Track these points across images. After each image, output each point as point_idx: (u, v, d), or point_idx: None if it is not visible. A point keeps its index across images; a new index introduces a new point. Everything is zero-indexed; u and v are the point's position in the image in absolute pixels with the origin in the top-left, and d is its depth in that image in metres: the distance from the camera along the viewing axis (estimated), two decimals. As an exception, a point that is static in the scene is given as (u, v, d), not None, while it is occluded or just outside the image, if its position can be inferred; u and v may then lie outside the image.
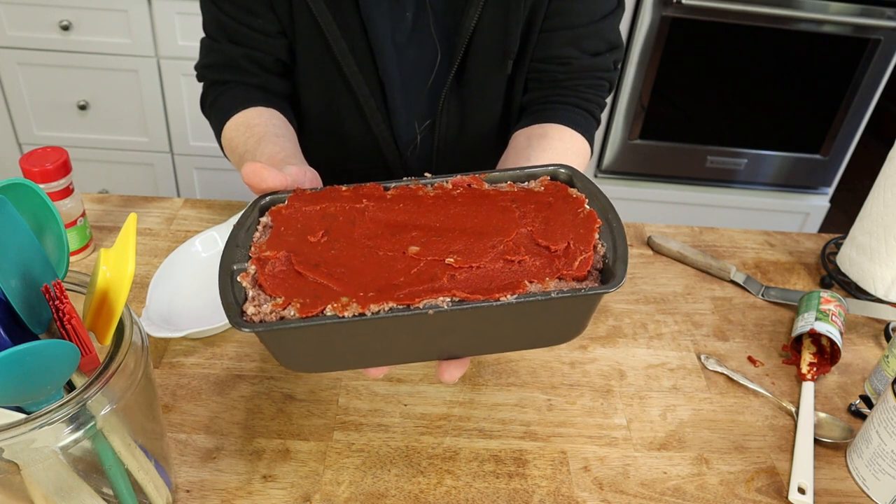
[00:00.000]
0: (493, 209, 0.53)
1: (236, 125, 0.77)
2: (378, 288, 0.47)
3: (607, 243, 0.51)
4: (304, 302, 0.46)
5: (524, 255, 0.49)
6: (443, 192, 0.55)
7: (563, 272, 0.48)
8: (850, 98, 1.95)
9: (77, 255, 0.87)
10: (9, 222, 0.46)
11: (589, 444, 0.69)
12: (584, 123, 0.81)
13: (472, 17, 0.76)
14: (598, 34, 0.80)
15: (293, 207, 0.54)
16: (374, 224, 0.52)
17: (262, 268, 0.49)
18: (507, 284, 0.47)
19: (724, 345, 0.83)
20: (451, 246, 0.50)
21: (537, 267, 0.49)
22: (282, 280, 0.48)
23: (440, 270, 0.48)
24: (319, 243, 0.51)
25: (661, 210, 2.11)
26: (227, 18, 0.79)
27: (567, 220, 0.52)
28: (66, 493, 0.49)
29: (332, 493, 0.63)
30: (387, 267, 0.49)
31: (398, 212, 0.53)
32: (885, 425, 0.64)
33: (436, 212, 0.53)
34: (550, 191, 0.55)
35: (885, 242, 0.88)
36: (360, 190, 0.56)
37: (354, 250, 0.50)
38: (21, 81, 1.85)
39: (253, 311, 0.47)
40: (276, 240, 0.51)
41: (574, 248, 0.50)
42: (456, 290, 0.47)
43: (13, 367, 0.40)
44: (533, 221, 0.52)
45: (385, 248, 0.50)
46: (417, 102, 0.85)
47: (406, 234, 0.51)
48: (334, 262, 0.49)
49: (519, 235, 0.51)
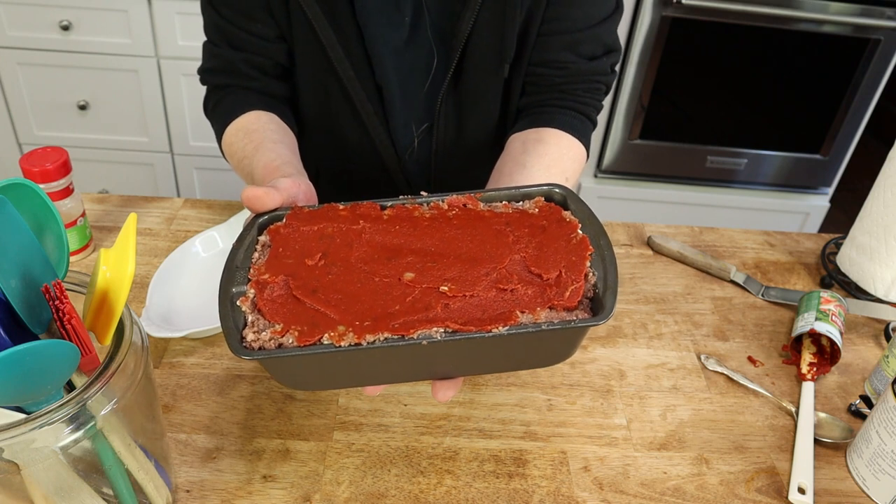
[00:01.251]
0: (487, 233, 0.55)
1: (235, 130, 0.78)
2: (374, 316, 0.49)
3: (598, 272, 0.53)
4: (302, 330, 0.48)
5: (517, 283, 0.51)
6: (438, 213, 0.57)
7: (555, 302, 0.50)
8: (850, 98, 1.95)
9: (77, 255, 0.87)
10: (9, 222, 0.46)
11: (589, 444, 0.69)
12: (581, 127, 0.81)
13: (468, 21, 0.76)
14: (595, 38, 0.80)
15: (291, 227, 0.56)
16: (370, 247, 0.54)
17: (262, 292, 0.51)
18: (499, 315, 0.49)
19: (724, 345, 0.83)
20: (446, 273, 0.52)
21: (529, 296, 0.51)
22: (280, 305, 0.50)
23: (434, 299, 0.50)
24: (317, 267, 0.53)
25: (661, 210, 2.11)
26: (227, 24, 0.79)
27: (560, 246, 0.54)
28: (66, 493, 0.49)
29: (332, 493, 0.63)
30: (382, 294, 0.51)
31: (394, 234, 0.55)
32: (885, 425, 0.64)
33: (431, 235, 0.55)
34: (545, 213, 0.57)
35: (885, 242, 0.88)
36: (357, 209, 0.57)
37: (351, 275, 0.52)
38: (21, 81, 1.85)
39: (252, 338, 0.48)
40: (274, 262, 0.53)
41: (566, 277, 0.52)
42: (449, 321, 0.48)
43: (13, 367, 0.40)
44: (526, 247, 0.54)
45: (381, 273, 0.52)
46: (415, 106, 0.85)
47: (402, 258, 0.53)
48: (331, 288, 0.51)
49: (512, 262, 0.53)
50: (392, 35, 0.79)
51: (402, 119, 0.85)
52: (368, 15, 0.77)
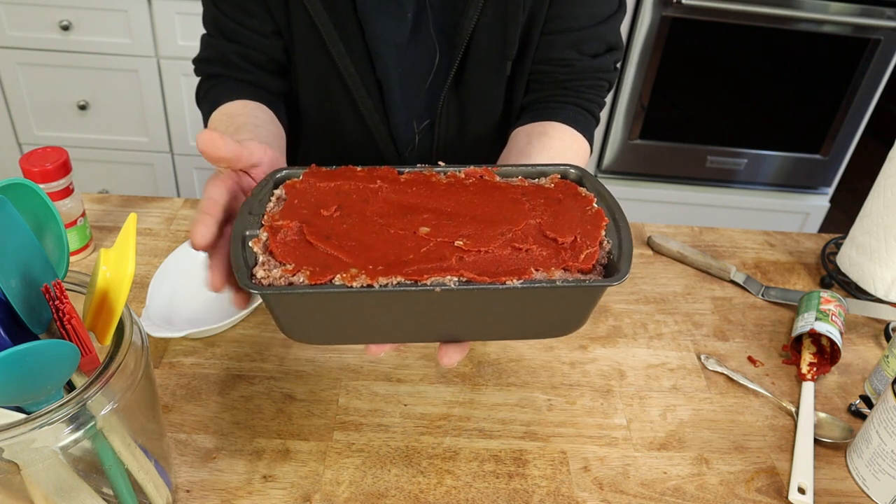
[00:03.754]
0: (503, 200, 0.55)
1: (220, 114, 0.78)
2: (388, 263, 0.48)
3: (613, 241, 0.52)
4: (314, 270, 0.47)
5: (532, 244, 0.51)
6: (455, 181, 0.57)
7: (569, 264, 0.49)
8: (850, 98, 1.95)
9: (77, 255, 0.87)
10: (9, 222, 0.46)
11: (589, 444, 0.69)
12: (584, 122, 0.81)
13: (471, 18, 0.76)
14: (598, 37, 0.80)
15: (307, 182, 0.55)
16: (386, 204, 0.54)
17: (274, 236, 0.50)
18: (514, 270, 0.48)
19: (724, 345, 0.83)
20: (462, 230, 0.51)
21: (544, 257, 0.50)
22: (293, 248, 0.49)
23: (449, 251, 0.49)
24: (332, 217, 0.52)
25: (661, 210, 2.11)
26: (223, 17, 0.80)
27: (575, 216, 0.54)
28: (66, 493, 0.49)
29: (332, 493, 0.63)
30: (397, 244, 0.50)
31: (411, 194, 0.55)
32: (885, 425, 0.64)
33: (448, 197, 0.54)
34: (560, 188, 0.57)
35: (885, 242, 0.88)
36: (374, 171, 0.57)
37: (366, 226, 0.51)
38: (21, 81, 1.85)
39: (262, 275, 0.48)
40: (289, 211, 0.52)
41: (580, 242, 0.51)
42: (464, 270, 0.48)
43: (13, 367, 0.40)
44: (542, 214, 0.53)
45: (396, 226, 0.51)
46: (416, 103, 0.85)
47: (418, 215, 0.52)
48: (346, 236, 0.50)
49: (528, 226, 0.52)
50: (394, 31, 0.79)
51: (403, 115, 0.85)
52: (369, 10, 0.77)
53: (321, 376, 0.73)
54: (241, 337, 0.77)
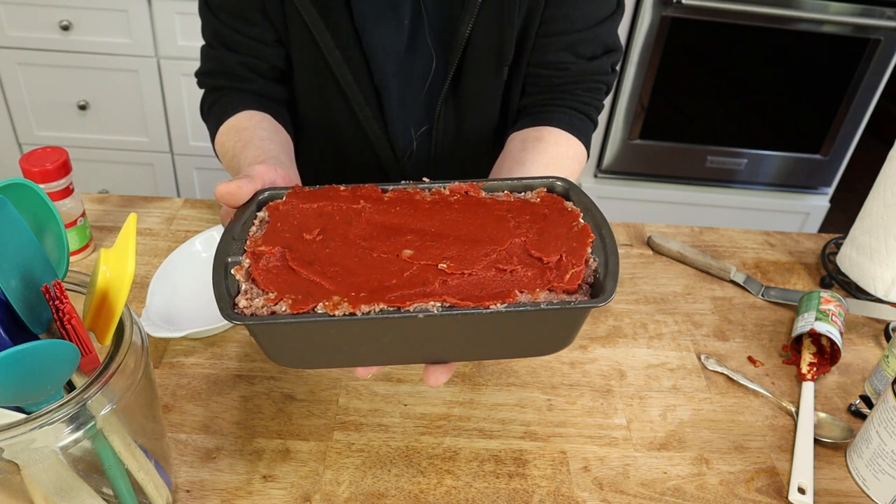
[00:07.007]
0: (488, 217, 0.54)
1: (227, 129, 0.78)
2: (370, 289, 0.48)
3: (599, 258, 0.52)
4: (296, 298, 0.47)
5: (516, 265, 0.50)
6: (440, 198, 0.56)
7: (554, 284, 0.49)
8: (850, 98, 1.95)
9: (77, 255, 0.87)
10: (9, 222, 0.46)
11: (589, 444, 0.69)
12: (581, 126, 0.80)
13: (467, 24, 0.75)
14: (595, 39, 0.80)
15: (290, 204, 0.55)
16: (369, 225, 0.53)
17: (257, 262, 0.50)
18: (498, 293, 0.48)
19: (724, 345, 0.83)
20: (445, 252, 0.51)
21: (528, 277, 0.50)
22: (275, 275, 0.49)
23: (432, 275, 0.49)
24: (315, 241, 0.52)
25: (661, 210, 2.11)
26: (223, 27, 0.79)
27: (561, 232, 0.53)
28: (66, 493, 0.49)
29: (332, 493, 0.63)
30: (380, 268, 0.50)
31: (394, 214, 0.54)
32: (885, 425, 0.64)
33: (431, 217, 0.54)
34: (546, 203, 0.56)
35: (885, 242, 0.88)
36: (357, 191, 0.56)
37: (349, 250, 0.51)
38: (21, 81, 1.85)
39: (245, 304, 0.47)
40: (271, 235, 0.52)
41: (566, 261, 0.51)
42: (447, 295, 0.47)
43: (13, 367, 0.40)
44: (527, 232, 0.53)
45: (379, 249, 0.51)
46: (413, 109, 0.85)
47: (401, 236, 0.52)
48: (328, 261, 0.50)
49: (512, 245, 0.52)
50: (391, 39, 0.79)
51: (401, 121, 0.85)
52: (366, 18, 0.77)
53: (321, 376, 0.73)
54: (241, 337, 0.77)
